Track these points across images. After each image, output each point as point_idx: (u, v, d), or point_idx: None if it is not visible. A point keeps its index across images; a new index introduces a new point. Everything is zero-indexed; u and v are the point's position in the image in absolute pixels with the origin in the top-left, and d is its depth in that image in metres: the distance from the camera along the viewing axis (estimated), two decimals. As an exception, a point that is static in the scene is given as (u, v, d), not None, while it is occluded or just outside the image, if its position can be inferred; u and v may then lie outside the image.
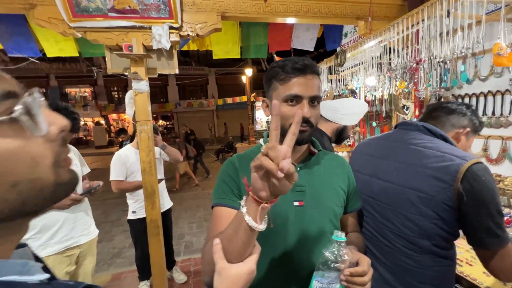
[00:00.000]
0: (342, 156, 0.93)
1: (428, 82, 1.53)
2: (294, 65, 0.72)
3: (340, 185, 0.84)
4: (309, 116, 0.72)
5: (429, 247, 0.83)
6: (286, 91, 0.72)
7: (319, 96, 0.75)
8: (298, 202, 0.76)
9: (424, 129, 0.92)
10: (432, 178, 0.79)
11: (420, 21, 1.38)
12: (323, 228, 0.78)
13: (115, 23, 1.83)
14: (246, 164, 0.75)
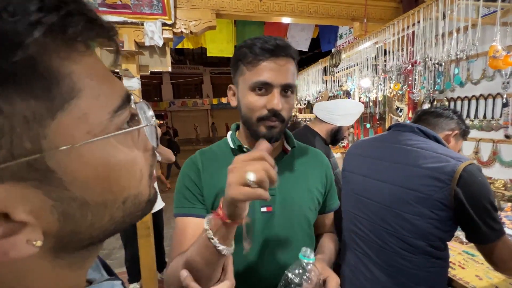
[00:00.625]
0: (319, 150, 0.84)
1: (422, 84, 1.53)
2: (263, 45, 0.60)
3: (316, 186, 0.75)
4: (280, 108, 0.60)
5: (424, 248, 0.84)
6: (253, 77, 0.60)
7: (292, 85, 0.63)
8: (266, 208, 0.67)
9: (418, 130, 0.93)
10: (428, 178, 0.80)
11: (415, 23, 1.38)
12: (293, 236, 0.69)
13: (106, 18, 1.77)
14: (210, 162, 0.70)
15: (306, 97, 3.04)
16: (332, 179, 0.81)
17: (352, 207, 1.06)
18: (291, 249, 0.67)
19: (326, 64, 2.47)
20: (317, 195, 0.75)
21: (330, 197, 0.82)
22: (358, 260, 1.01)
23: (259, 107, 0.61)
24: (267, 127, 0.62)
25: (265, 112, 0.61)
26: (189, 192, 0.67)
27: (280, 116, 0.62)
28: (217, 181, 0.66)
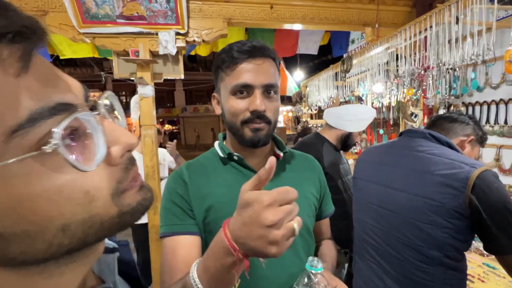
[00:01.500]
0: (311, 156, 0.82)
1: (437, 89, 1.49)
2: (240, 48, 0.59)
3: (312, 191, 0.72)
4: (263, 109, 0.58)
5: (440, 258, 0.80)
6: (233, 81, 0.59)
7: (274, 85, 0.61)
8: None
9: (430, 136, 0.91)
10: (441, 185, 0.78)
11: (428, 28, 1.36)
12: (294, 246, 0.64)
13: (123, 29, 1.86)
14: (198, 175, 0.65)
15: (317, 102, 3.02)
16: (325, 184, 0.79)
17: (364, 215, 1.03)
18: (293, 259, 0.64)
19: (337, 70, 2.46)
20: (313, 200, 0.72)
21: (325, 203, 0.80)
22: (371, 271, 0.98)
23: (241, 110, 0.59)
24: (252, 129, 0.59)
25: (248, 115, 0.59)
26: (178, 208, 0.62)
27: (265, 117, 0.60)
28: (206, 194, 0.63)
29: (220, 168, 0.67)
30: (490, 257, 1.31)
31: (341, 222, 1.33)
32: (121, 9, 1.83)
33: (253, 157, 0.66)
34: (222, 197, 0.63)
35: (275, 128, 0.64)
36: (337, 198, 1.32)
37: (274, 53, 0.63)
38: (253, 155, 0.66)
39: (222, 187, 0.64)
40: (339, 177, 1.33)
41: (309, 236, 0.71)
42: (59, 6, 1.82)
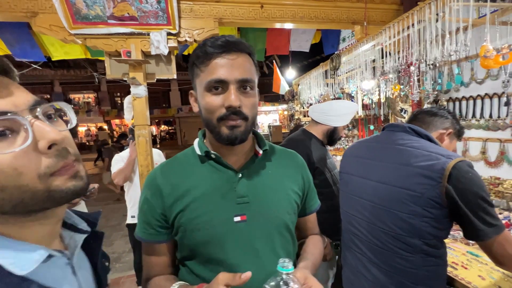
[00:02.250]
0: (294, 151, 0.81)
1: (423, 85, 1.54)
2: (213, 43, 0.58)
3: (293, 188, 0.71)
4: (238, 105, 0.56)
5: (420, 246, 0.84)
6: (207, 77, 0.58)
7: (250, 80, 0.59)
8: (239, 216, 0.62)
9: (410, 130, 0.95)
10: (420, 176, 0.81)
11: (410, 25, 1.40)
12: (272, 243, 0.65)
13: (114, 30, 1.87)
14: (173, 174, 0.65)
15: (308, 100, 3.06)
16: (309, 180, 0.78)
17: (350, 208, 1.07)
18: (271, 257, 0.62)
19: (327, 68, 2.50)
20: (295, 197, 0.71)
21: (309, 199, 0.78)
22: (358, 261, 1.02)
23: (217, 107, 0.58)
24: (228, 127, 0.58)
25: (223, 111, 0.58)
26: (148, 216, 0.65)
27: (241, 113, 0.58)
28: (183, 192, 0.63)
29: (198, 167, 0.66)
30: (475, 246, 1.36)
31: (330, 214, 1.37)
32: (112, 10, 1.84)
33: (232, 154, 0.66)
34: (199, 196, 0.62)
35: (253, 124, 0.63)
36: (327, 192, 1.36)
37: (250, 48, 0.62)
38: (233, 152, 0.65)
39: (199, 186, 0.63)
40: (328, 171, 1.37)
41: (289, 234, 0.70)
42: (49, 8, 1.83)
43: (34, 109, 0.36)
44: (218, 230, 0.61)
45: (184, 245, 0.64)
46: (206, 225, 0.61)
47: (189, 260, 0.66)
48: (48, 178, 0.35)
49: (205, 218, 0.61)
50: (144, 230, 0.66)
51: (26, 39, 2.71)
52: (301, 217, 0.78)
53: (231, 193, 0.63)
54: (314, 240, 0.80)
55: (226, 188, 0.64)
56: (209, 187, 0.63)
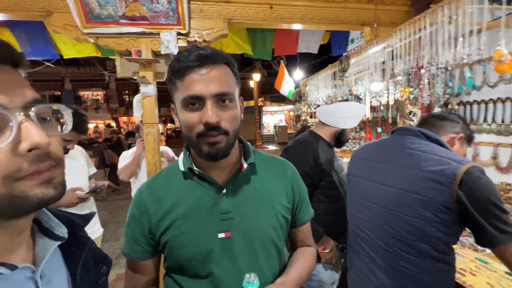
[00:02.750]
0: (285, 159, 0.79)
1: (433, 88, 1.51)
2: (187, 57, 0.56)
3: (281, 201, 0.69)
4: (216, 120, 0.54)
5: (428, 251, 0.83)
6: (183, 93, 0.56)
7: (227, 93, 0.56)
8: (224, 233, 0.62)
9: (420, 134, 0.94)
10: (430, 181, 0.81)
11: (422, 28, 1.39)
12: (258, 260, 0.64)
13: (126, 29, 1.91)
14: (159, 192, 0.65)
15: (316, 101, 3.05)
16: (300, 190, 0.75)
17: (356, 211, 1.07)
18: (255, 271, 0.61)
19: (335, 69, 2.49)
20: (282, 211, 0.68)
21: (300, 210, 0.75)
22: (364, 264, 1.01)
23: (195, 123, 0.56)
24: (208, 144, 0.56)
25: (202, 128, 0.56)
26: (134, 232, 0.65)
27: (221, 129, 0.56)
28: (167, 209, 0.63)
29: (182, 183, 0.65)
30: (484, 252, 1.33)
31: (336, 217, 1.37)
32: (124, 10, 1.87)
33: (216, 169, 0.64)
34: (183, 213, 0.62)
35: (236, 137, 0.61)
36: (333, 194, 1.36)
37: (227, 57, 0.59)
38: (217, 167, 0.64)
39: (184, 202, 0.63)
40: (335, 173, 1.37)
41: (274, 248, 0.68)
42: (63, 7, 1.87)
43: (29, 108, 0.33)
44: (202, 246, 0.61)
45: (170, 259, 0.65)
46: (191, 242, 0.62)
47: (175, 273, 0.66)
48: (14, 181, 0.31)
49: (189, 235, 0.62)
50: (130, 247, 0.66)
51: (40, 37, 2.78)
52: (292, 228, 0.76)
53: (215, 209, 0.63)
54: (303, 252, 0.78)
55: (210, 204, 0.63)
56: (193, 204, 0.63)
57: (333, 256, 1.35)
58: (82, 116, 1.46)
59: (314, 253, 0.81)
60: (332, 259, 1.35)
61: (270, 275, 0.67)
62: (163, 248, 0.64)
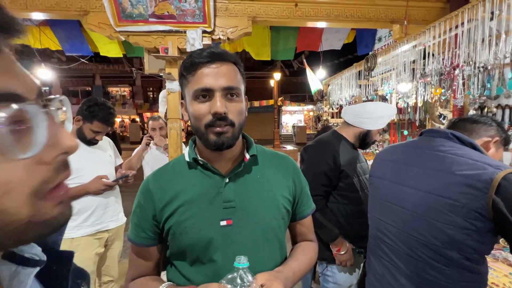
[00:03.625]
0: (287, 155, 0.80)
1: (468, 89, 1.42)
2: (200, 54, 0.61)
3: (282, 193, 0.71)
4: (224, 111, 0.59)
5: (458, 260, 0.79)
6: (194, 86, 0.61)
7: (235, 87, 0.61)
8: (225, 221, 0.64)
9: (452, 136, 0.88)
10: (463, 186, 0.76)
11: (459, 24, 1.30)
12: (258, 249, 0.66)
13: (154, 27, 1.99)
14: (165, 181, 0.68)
15: (339, 101, 2.98)
16: (302, 184, 0.76)
17: (379, 214, 1.03)
18: (257, 263, 0.62)
19: (360, 68, 2.41)
20: (283, 202, 0.70)
21: (301, 204, 0.76)
22: (385, 268, 0.98)
23: (204, 114, 0.60)
24: (215, 133, 0.60)
25: (210, 118, 0.60)
26: (140, 219, 0.68)
27: (227, 119, 0.60)
28: (172, 197, 0.66)
29: (187, 172, 0.69)
30: (520, 268, 1.23)
31: (356, 220, 1.33)
32: (153, 9, 1.95)
33: (220, 160, 0.68)
34: (187, 201, 0.65)
35: (241, 129, 0.65)
36: (352, 196, 1.32)
37: (235, 57, 0.65)
38: (221, 158, 0.67)
39: (188, 190, 0.66)
40: (355, 175, 1.33)
41: (276, 239, 0.70)
42: (98, 6, 1.99)
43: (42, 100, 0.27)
44: (204, 233, 0.64)
45: (173, 246, 0.68)
46: (193, 228, 0.64)
47: (177, 260, 0.69)
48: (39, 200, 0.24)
49: (192, 221, 0.64)
50: (136, 233, 0.69)
51: (76, 35, 2.99)
52: (293, 221, 0.77)
53: (218, 198, 0.65)
54: (304, 246, 0.79)
55: (213, 193, 0.66)
56: (196, 192, 0.66)
57: (348, 259, 1.31)
58: (110, 109, 1.54)
59: (315, 247, 0.81)
60: (347, 261, 1.31)
61: (271, 266, 0.68)
62: (167, 234, 0.67)
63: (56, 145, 0.25)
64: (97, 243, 1.58)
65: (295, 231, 0.80)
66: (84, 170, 1.49)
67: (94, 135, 1.52)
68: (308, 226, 0.81)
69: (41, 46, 3.10)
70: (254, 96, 17.14)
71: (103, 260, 1.67)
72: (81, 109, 1.50)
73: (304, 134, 15.16)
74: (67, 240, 1.48)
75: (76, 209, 1.48)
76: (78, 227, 1.50)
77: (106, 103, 1.55)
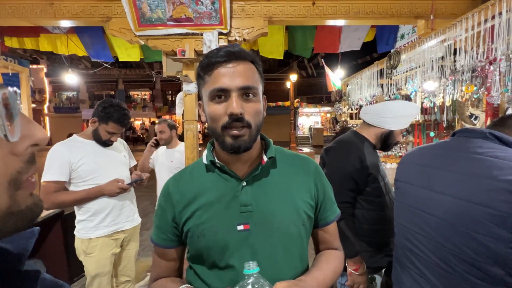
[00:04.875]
0: (308, 156, 0.77)
1: (505, 86, 1.29)
2: (216, 53, 0.60)
3: (303, 198, 0.67)
4: (240, 112, 0.57)
5: (502, 277, 0.70)
6: (211, 86, 0.60)
7: (252, 87, 0.60)
8: (242, 225, 0.63)
9: (492, 136, 0.79)
10: (507, 193, 0.68)
11: (496, 15, 1.18)
12: (275, 255, 0.63)
13: (172, 30, 2.02)
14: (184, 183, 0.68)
15: (358, 101, 2.86)
16: (325, 188, 0.72)
17: (407, 222, 0.95)
18: (275, 271, 0.61)
19: (382, 67, 2.30)
20: (304, 207, 0.67)
21: (324, 209, 0.72)
22: (414, 282, 0.90)
23: (220, 115, 0.59)
24: (232, 136, 0.59)
25: (226, 119, 0.58)
26: (161, 221, 0.69)
27: (244, 120, 0.58)
28: (190, 200, 0.66)
29: (205, 175, 0.69)
30: None
31: (381, 227, 1.24)
32: (171, 12, 1.99)
33: (238, 162, 0.66)
34: (205, 204, 0.65)
35: (258, 131, 0.63)
36: (379, 201, 1.24)
37: (253, 56, 0.63)
38: (239, 160, 0.66)
39: (205, 193, 0.66)
40: (381, 179, 1.25)
41: (295, 247, 0.67)
42: (120, 13, 2.06)
43: None
44: (221, 237, 0.63)
45: (191, 249, 0.68)
46: (210, 231, 0.63)
47: (196, 263, 0.69)
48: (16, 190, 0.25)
49: (209, 224, 0.63)
50: (157, 235, 0.70)
51: (100, 42, 3.13)
52: (316, 228, 0.74)
53: (235, 201, 0.64)
54: (327, 255, 0.74)
55: (230, 196, 0.65)
56: (214, 195, 0.65)
57: (362, 282, 1.20)
58: (124, 111, 1.57)
59: (341, 257, 0.77)
60: (360, 285, 1.20)
61: (291, 275, 0.64)
62: (185, 237, 0.67)
63: (28, 136, 0.25)
64: (114, 244, 1.61)
65: (319, 238, 0.76)
66: (100, 171, 1.53)
67: (110, 136, 1.56)
68: (332, 233, 0.77)
69: (68, 52, 3.28)
70: (270, 98, 17.12)
71: (120, 261, 1.70)
72: (97, 110, 1.53)
73: (321, 136, 14.88)
74: (85, 240, 1.53)
75: (93, 210, 1.52)
76: (95, 227, 1.54)
77: (121, 104, 1.58)
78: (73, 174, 1.47)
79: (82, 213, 1.54)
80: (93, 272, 1.53)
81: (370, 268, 1.25)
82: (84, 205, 1.52)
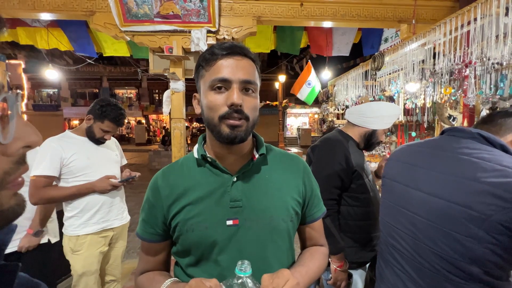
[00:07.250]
0: (297, 155, 0.78)
1: (480, 89, 1.37)
2: (220, 45, 0.61)
3: (291, 194, 0.69)
4: (240, 103, 0.58)
5: (479, 275, 0.72)
6: (212, 76, 0.60)
7: (253, 82, 0.61)
8: (232, 220, 0.63)
9: (479, 137, 0.79)
10: (488, 195, 0.69)
11: (472, 21, 1.25)
12: (264, 251, 0.64)
13: (159, 27, 1.99)
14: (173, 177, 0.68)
15: (345, 101, 2.93)
16: (312, 186, 0.74)
17: (391, 219, 0.98)
18: (262, 265, 0.62)
19: (367, 68, 2.37)
20: (292, 204, 0.68)
21: (311, 206, 0.74)
22: (397, 278, 0.92)
23: (219, 105, 0.59)
24: (229, 126, 0.59)
25: (225, 109, 0.58)
26: (148, 215, 0.68)
27: (243, 113, 0.59)
28: (179, 195, 0.65)
29: (195, 170, 0.68)
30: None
31: (366, 222, 1.28)
32: (159, 9, 1.96)
33: (230, 157, 0.66)
34: (194, 199, 0.64)
35: (254, 126, 0.63)
36: (364, 198, 1.28)
37: (254, 55, 0.65)
38: (231, 153, 0.66)
39: (195, 188, 0.65)
40: (366, 176, 1.28)
41: (283, 242, 0.68)
42: (104, 7, 2.00)
43: None
44: (210, 232, 0.63)
45: (179, 244, 0.67)
46: (199, 226, 0.63)
47: (182, 258, 0.68)
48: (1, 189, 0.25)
49: (198, 219, 0.63)
50: (143, 229, 0.69)
51: (83, 36, 3.02)
52: (302, 225, 0.75)
53: (225, 196, 0.64)
54: (312, 251, 0.75)
55: (220, 191, 0.65)
56: (204, 190, 0.65)
57: (345, 279, 1.24)
58: (121, 110, 1.57)
59: (326, 253, 0.78)
60: (342, 281, 1.24)
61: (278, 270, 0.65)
62: (173, 231, 0.66)
63: (21, 138, 0.26)
64: (102, 241, 1.57)
65: (305, 235, 0.77)
66: (92, 168, 1.50)
67: (103, 134, 1.54)
68: (318, 230, 0.78)
69: (48, 47, 3.15)
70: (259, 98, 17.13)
71: (106, 259, 1.67)
72: (93, 108, 1.52)
73: (309, 137, 15.09)
74: (72, 237, 1.49)
75: (82, 207, 1.49)
76: (83, 224, 1.50)
77: (118, 104, 1.59)
78: (64, 169, 1.44)
79: (71, 209, 1.50)
80: (80, 270, 1.49)
81: (355, 263, 1.28)
82: (73, 201, 1.49)
